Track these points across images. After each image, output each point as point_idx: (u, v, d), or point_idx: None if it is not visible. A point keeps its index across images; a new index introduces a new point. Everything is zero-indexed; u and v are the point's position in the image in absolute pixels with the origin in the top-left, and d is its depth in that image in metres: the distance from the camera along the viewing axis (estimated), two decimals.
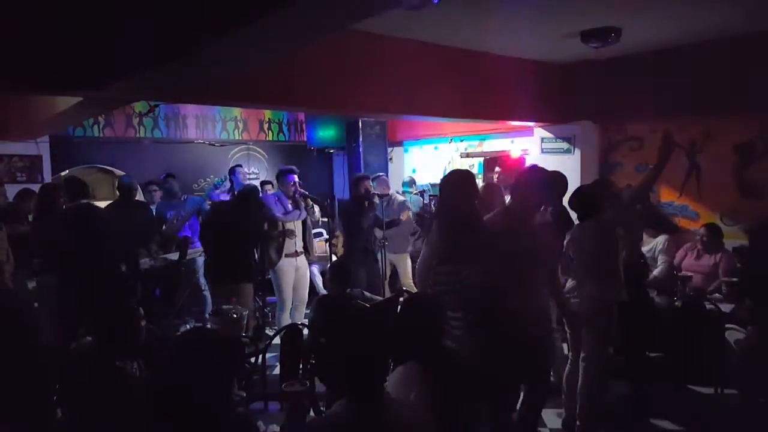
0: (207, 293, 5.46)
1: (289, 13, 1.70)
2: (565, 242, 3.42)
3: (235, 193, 5.44)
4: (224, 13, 1.94)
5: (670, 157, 3.25)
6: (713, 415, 3.56)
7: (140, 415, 1.83)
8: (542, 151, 5.91)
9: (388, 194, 5.77)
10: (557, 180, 4.07)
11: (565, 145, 5.73)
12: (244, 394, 3.13)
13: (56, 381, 2.55)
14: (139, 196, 6.12)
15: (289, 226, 5.05)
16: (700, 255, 4.53)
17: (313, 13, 1.79)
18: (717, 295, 4.18)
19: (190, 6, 2.13)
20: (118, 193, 5.48)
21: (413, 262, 5.71)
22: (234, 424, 1.73)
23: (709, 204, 5.21)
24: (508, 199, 3.88)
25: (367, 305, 3.61)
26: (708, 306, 3.78)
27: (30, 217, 4.87)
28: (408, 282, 5.73)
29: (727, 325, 3.69)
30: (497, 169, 5.96)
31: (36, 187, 5.16)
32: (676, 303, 3.99)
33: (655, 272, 4.52)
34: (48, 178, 6.15)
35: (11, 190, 5.34)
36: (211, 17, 2.01)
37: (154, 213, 5.76)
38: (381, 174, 6.14)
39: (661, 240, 4.70)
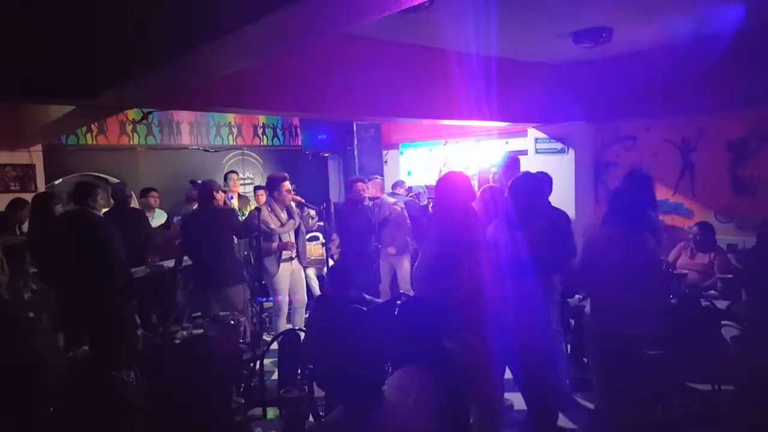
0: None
1: (280, 18, 1.70)
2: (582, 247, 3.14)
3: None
4: (216, 19, 1.94)
5: None
6: (711, 411, 3.57)
7: (138, 425, 1.82)
8: (536, 152, 5.93)
9: (379, 197, 5.66)
10: (545, 182, 4.06)
11: (558, 146, 5.75)
12: (243, 401, 3.12)
13: (54, 391, 2.53)
14: (134, 204, 6.11)
15: (286, 237, 4.94)
16: (694, 254, 4.55)
17: (302, 19, 1.80)
18: (712, 291, 4.20)
19: (182, 12, 2.13)
20: (112, 200, 5.46)
21: (413, 264, 5.67)
22: None
23: (703, 201, 5.23)
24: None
25: (365, 308, 3.61)
26: (704, 303, 3.79)
27: (23, 227, 4.84)
28: (406, 287, 5.67)
29: (723, 322, 3.71)
30: (493, 170, 5.97)
31: (29, 197, 5.15)
32: (672, 300, 4.00)
33: None
34: (41, 187, 6.13)
35: (4, 200, 5.32)
36: (203, 23, 2.01)
37: (154, 219, 5.77)
38: (375, 176, 6.10)
39: None
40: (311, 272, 6.34)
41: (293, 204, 5.07)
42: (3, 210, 5.08)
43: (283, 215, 4.96)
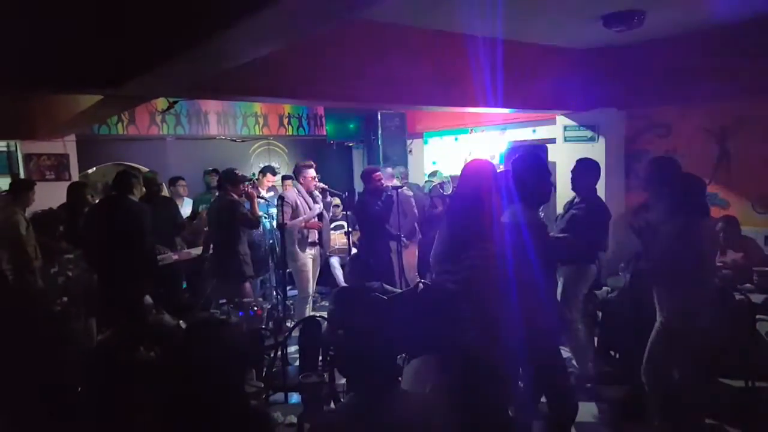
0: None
1: (291, 4, 1.68)
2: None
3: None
4: (233, 4, 1.94)
5: None
6: (744, 407, 3.45)
7: (157, 405, 1.86)
8: (565, 140, 5.79)
9: (391, 186, 5.63)
10: (589, 168, 3.95)
11: (588, 134, 5.60)
12: (262, 385, 3.17)
13: (81, 373, 2.61)
14: (165, 192, 6.24)
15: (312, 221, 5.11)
16: (724, 250, 4.37)
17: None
18: (748, 285, 4.03)
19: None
20: (143, 189, 5.58)
21: (420, 253, 5.65)
22: (247, 417, 1.74)
23: (740, 192, 5.02)
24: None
25: (385, 297, 3.60)
26: (738, 297, 3.65)
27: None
28: (412, 276, 5.59)
29: (759, 316, 3.56)
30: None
31: (64, 185, 5.31)
32: None
33: None
34: (75, 176, 6.31)
35: (41, 187, 5.46)
36: (220, 9, 2.01)
37: (183, 208, 5.90)
38: (387, 167, 6.10)
39: None
40: (335, 261, 6.37)
41: (317, 192, 5.22)
42: (55, 208, 5.16)
43: (309, 199, 5.11)
